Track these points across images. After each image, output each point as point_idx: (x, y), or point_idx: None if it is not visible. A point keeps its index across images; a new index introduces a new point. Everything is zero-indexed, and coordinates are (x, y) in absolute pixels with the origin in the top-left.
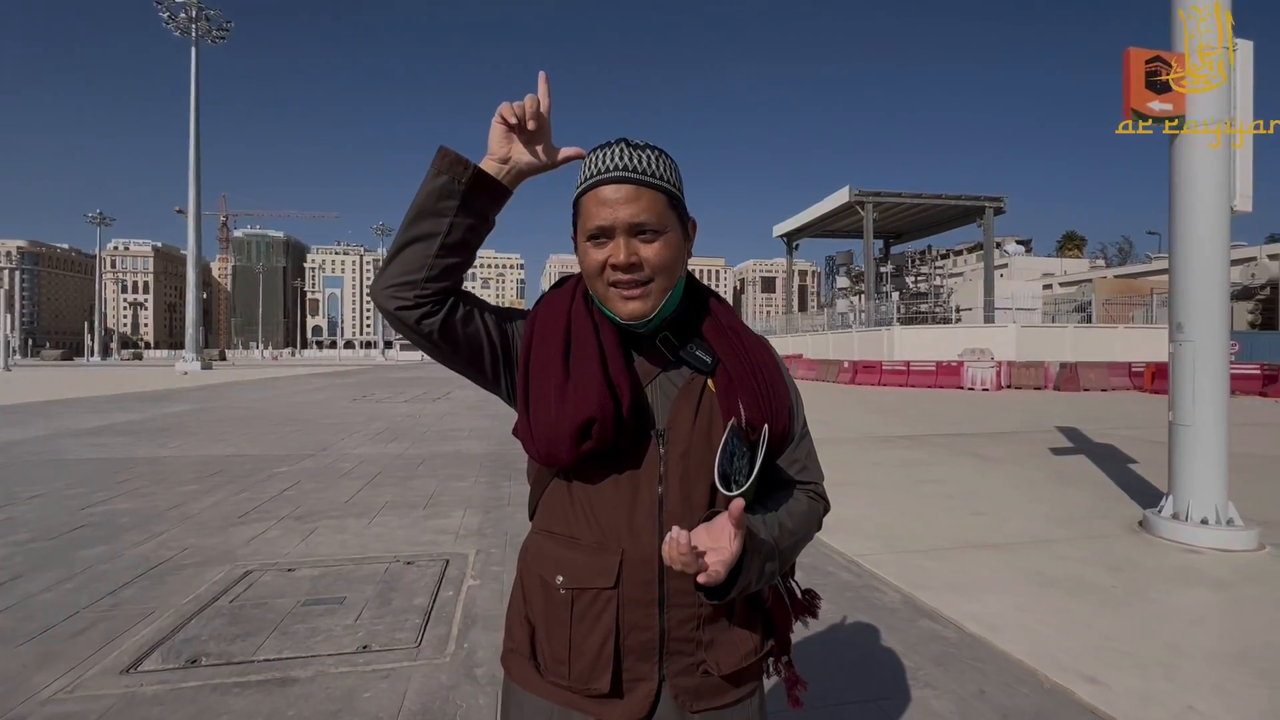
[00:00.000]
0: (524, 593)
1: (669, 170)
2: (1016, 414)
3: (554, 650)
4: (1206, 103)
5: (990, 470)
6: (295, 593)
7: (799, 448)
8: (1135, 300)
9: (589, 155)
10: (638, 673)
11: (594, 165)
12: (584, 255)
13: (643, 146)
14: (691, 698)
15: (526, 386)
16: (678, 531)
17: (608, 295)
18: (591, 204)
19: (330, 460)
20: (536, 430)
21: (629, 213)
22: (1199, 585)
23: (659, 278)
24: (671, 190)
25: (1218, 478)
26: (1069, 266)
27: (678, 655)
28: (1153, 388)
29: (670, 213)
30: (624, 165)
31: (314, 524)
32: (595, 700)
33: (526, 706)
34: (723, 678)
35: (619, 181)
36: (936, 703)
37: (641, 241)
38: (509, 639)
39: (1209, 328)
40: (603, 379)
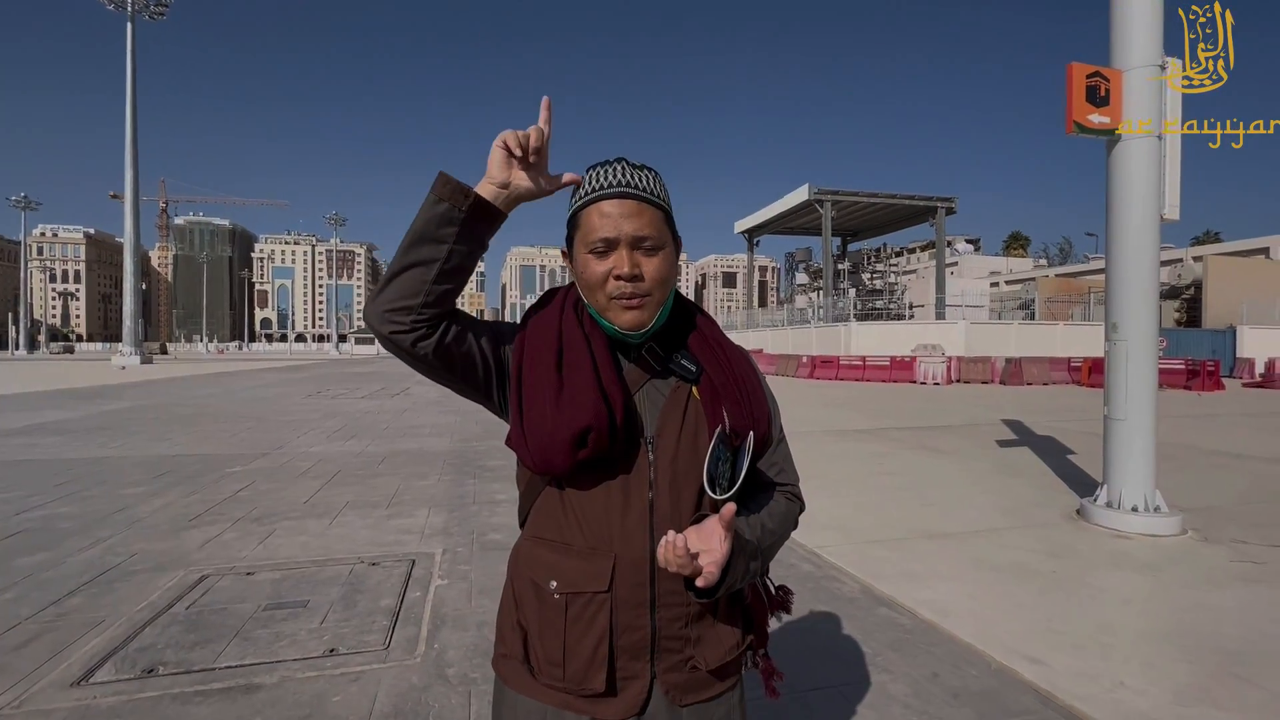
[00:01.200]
0: (515, 598)
1: (664, 190)
2: (965, 407)
3: (548, 653)
4: (1140, 117)
5: (941, 462)
6: (256, 597)
7: (777, 451)
8: (1074, 299)
9: (590, 171)
10: (630, 671)
11: (596, 181)
12: (584, 267)
13: (640, 167)
14: (681, 692)
15: (520, 397)
16: (675, 535)
17: (608, 306)
18: (594, 217)
19: (286, 459)
20: (532, 439)
21: (633, 226)
22: (1129, 569)
23: (656, 291)
24: (667, 209)
25: (1147, 468)
26: (1014, 265)
27: (668, 653)
28: (1089, 382)
29: (666, 229)
30: (626, 182)
31: (272, 526)
32: (589, 700)
33: (520, 709)
34: (709, 672)
35: (623, 197)
36: (893, 686)
37: (643, 254)
38: (501, 644)
39: (1140, 329)
40: (597, 388)
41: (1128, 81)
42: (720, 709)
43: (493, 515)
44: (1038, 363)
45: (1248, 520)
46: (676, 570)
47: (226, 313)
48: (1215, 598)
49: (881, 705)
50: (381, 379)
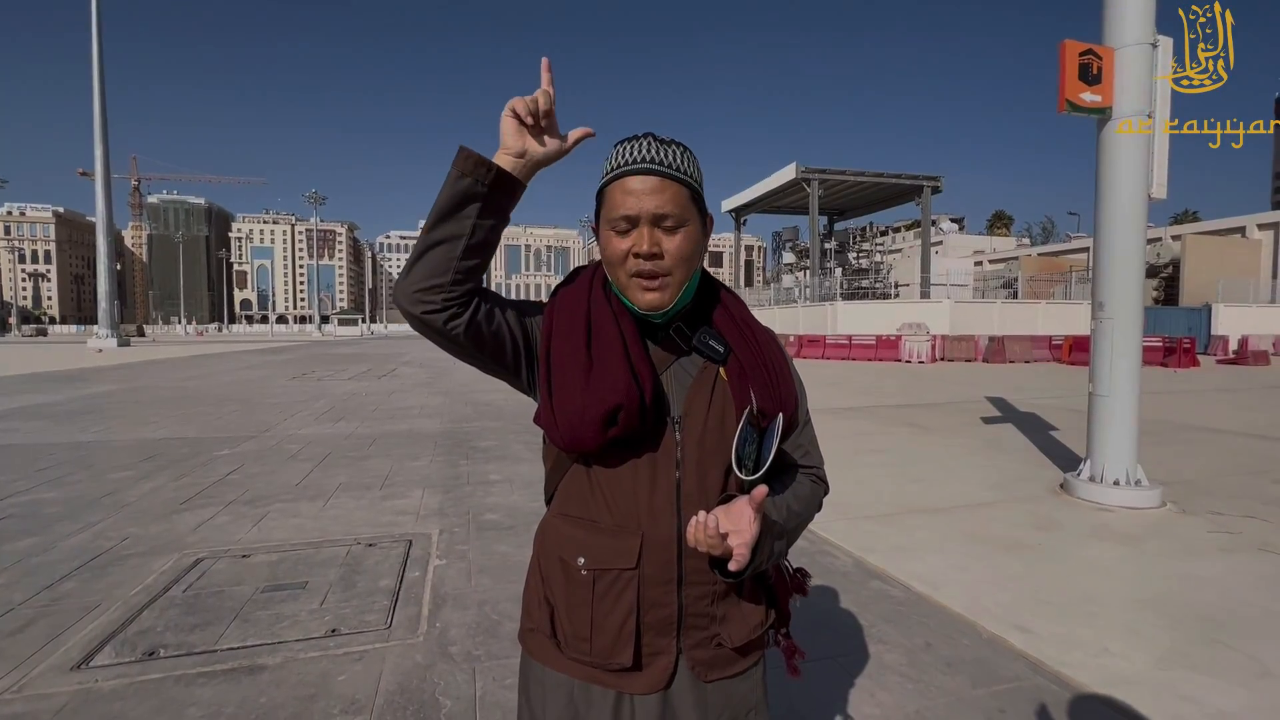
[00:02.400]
0: (542, 574)
1: (692, 166)
2: (950, 385)
3: (575, 628)
4: (1132, 97)
5: (928, 439)
6: (253, 579)
7: (803, 434)
8: (1056, 278)
9: (616, 147)
10: (657, 647)
11: (621, 157)
12: (606, 243)
13: (668, 142)
14: (706, 668)
15: (549, 375)
16: (706, 515)
17: (628, 284)
18: (617, 194)
19: (275, 442)
20: (561, 417)
21: (654, 203)
22: (1112, 541)
23: (677, 270)
24: (694, 185)
25: (1129, 443)
26: (998, 244)
27: (694, 629)
28: (1070, 360)
29: (691, 206)
30: (651, 158)
31: (265, 508)
32: (616, 674)
33: (548, 681)
34: (733, 649)
35: (645, 173)
36: (889, 656)
37: (664, 232)
38: (527, 618)
39: (1126, 307)
40: (627, 366)
41: (1120, 59)
42: (744, 685)
43: (487, 496)
44: (1020, 341)
45: (1223, 492)
46: (706, 550)
47: (205, 294)
48: (1194, 567)
49: (878, 675)
50: (367, 360)
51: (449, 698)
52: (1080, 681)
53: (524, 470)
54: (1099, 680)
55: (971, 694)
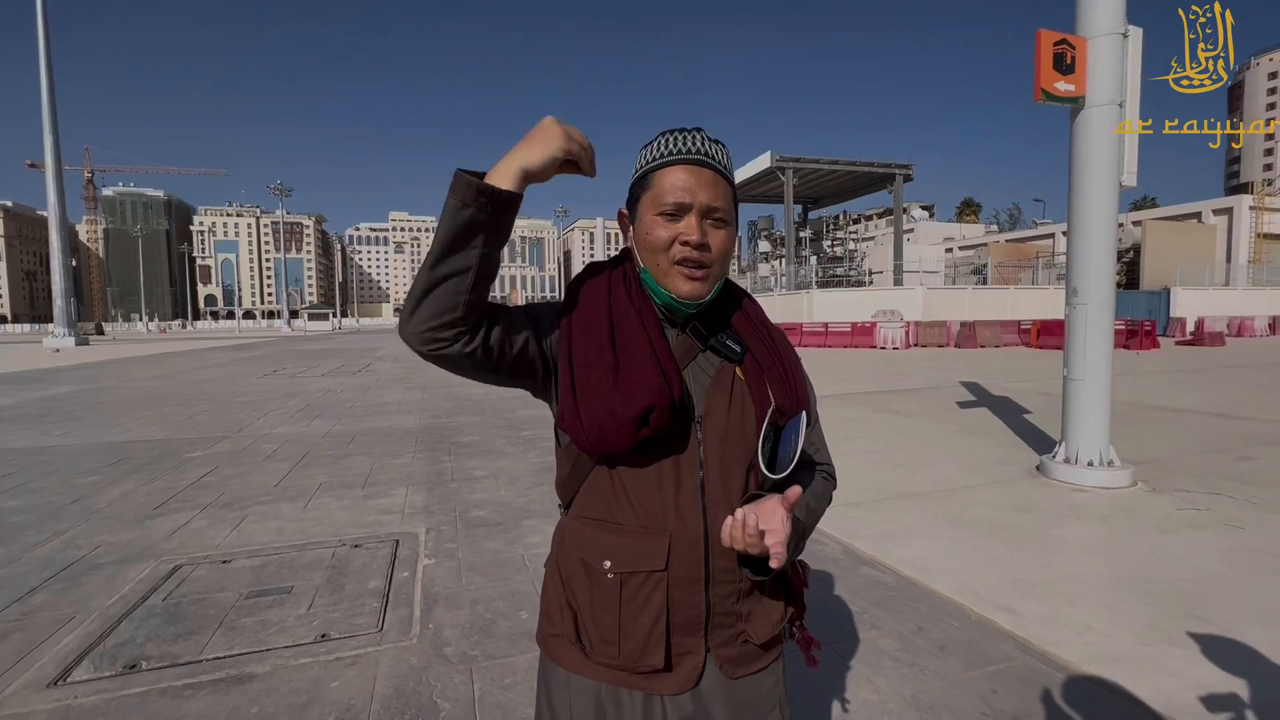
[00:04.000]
0: (563, 578)
1: (733, 170)
2: (925, 371)
3: (602, 632)
4: (1104, 87)
5: (907, 424)
6: (235, 585)
7: (814, 431)
8: (1024, 263)
9: (664, 135)
10: (686, 647)
11: (672, 145)
12: (649, 229)
13: (716, 140)
14: (733, 666)
15: (572, 376)
16: (745, 513)
17: (670, 272)
18: (669, 180)
19: (249, 442)
20: (589, 420)
21: (707, 196)
22: (1088, 520)
23: (718, 264)
24: (736, 188)
25: (1102, 425)
26: (967, 231)
27: (721, 628)
28: (1038, 344)
29: (733, 209)
30: (704, 152)
31: (243, 511)
32: (645, 676)
33: (573, 687)
34: (759, 646)
35: (700, 165)
36: (883, 641)
37: (712, 225)
38: (548, 624)
39: (1099, 293)
40: (656, 365)
41: (1092, 49)
42: (768, 680)
43: (473, 492)
44: (990, 326)
45: (1189, 470)
46: (743, 548)
47: (167, 289)
48: (1166, 544)
49: (874, 660)
50: (340, 356)
51: (447, 700)
52: (1067, 660)
53: (509, 465)
54: (1085, 658)
55: (964, 676)
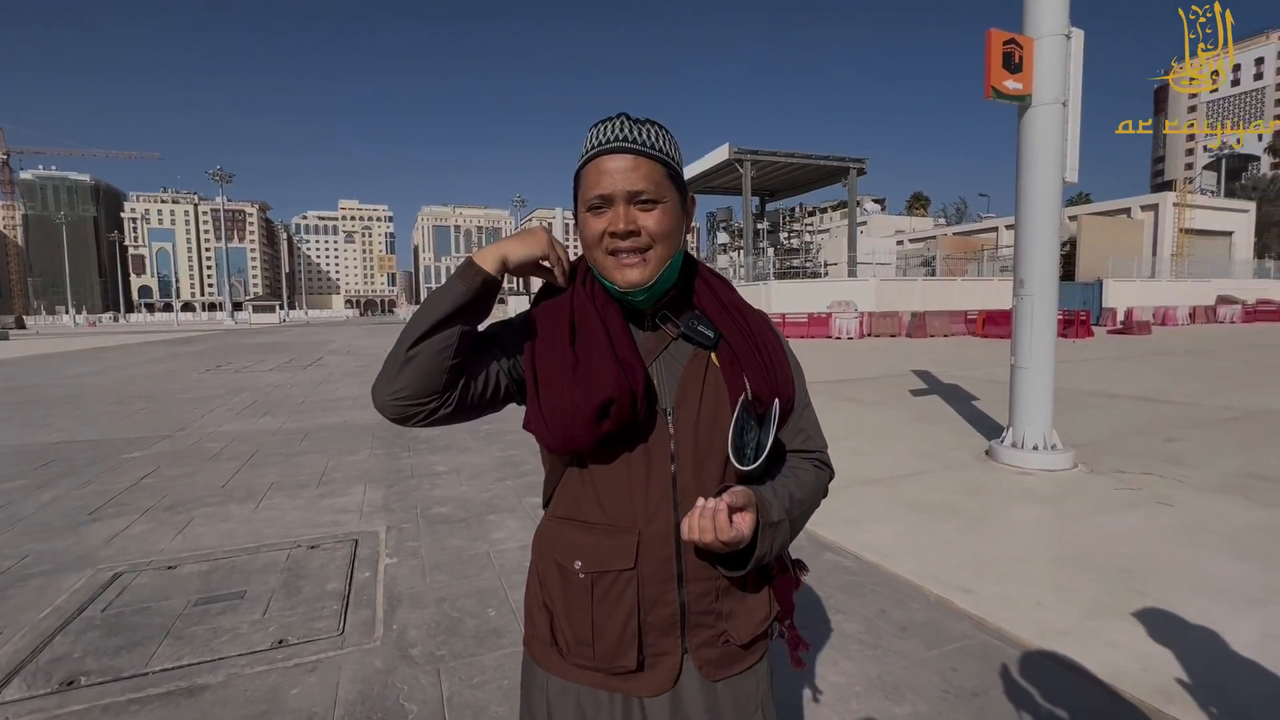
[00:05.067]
0: (540, 579)
1: (668, 144)
2: (879, 360)
3: (576, 633)
4: (1049, 85)
5: (864, 412)
6: (183, 592)
7: (803, 418)
8: (970, 256)
9: (591, 130)
10: (661, 647)
11: (595, 138)
12: (584, 225)
13: (642, 121)
14: (715, 667)
15: (535, 379)
16: (705, 499)
17: (606, 264)
18: (592, 174)
19: (193, 440)
20: (551, 417)
21: (628, 181)
22: (1035, 502)
23: (658, 245)
24: (670, 162)
25: (1046, 410)
26: (917, 224)
27: (699, 628)
28: (983, 333)
29: (668, 184)
30: (623, 136)
31: (188, 514)
32: (621, 678)
33: (552, 688)
34: (741, 646)
35: (618, 151)
36: (848, 625)
37: (640, 209)
38: (529, 625)
39: (1043, 284)
40: (613, 358)
41: (1039, 49)
42: (750, 682)
43: (435, 488)
44: (939, 316)
45: (1123, 452)
46: (698, 537)
47: (96, 280)
48: (1106, 522)
49: (840, 644)
50: (289, 350)
51: (414, 702)
52: (1020, 636)
53: (471, 460)
54: (1036, 634)
55: (926, 655)
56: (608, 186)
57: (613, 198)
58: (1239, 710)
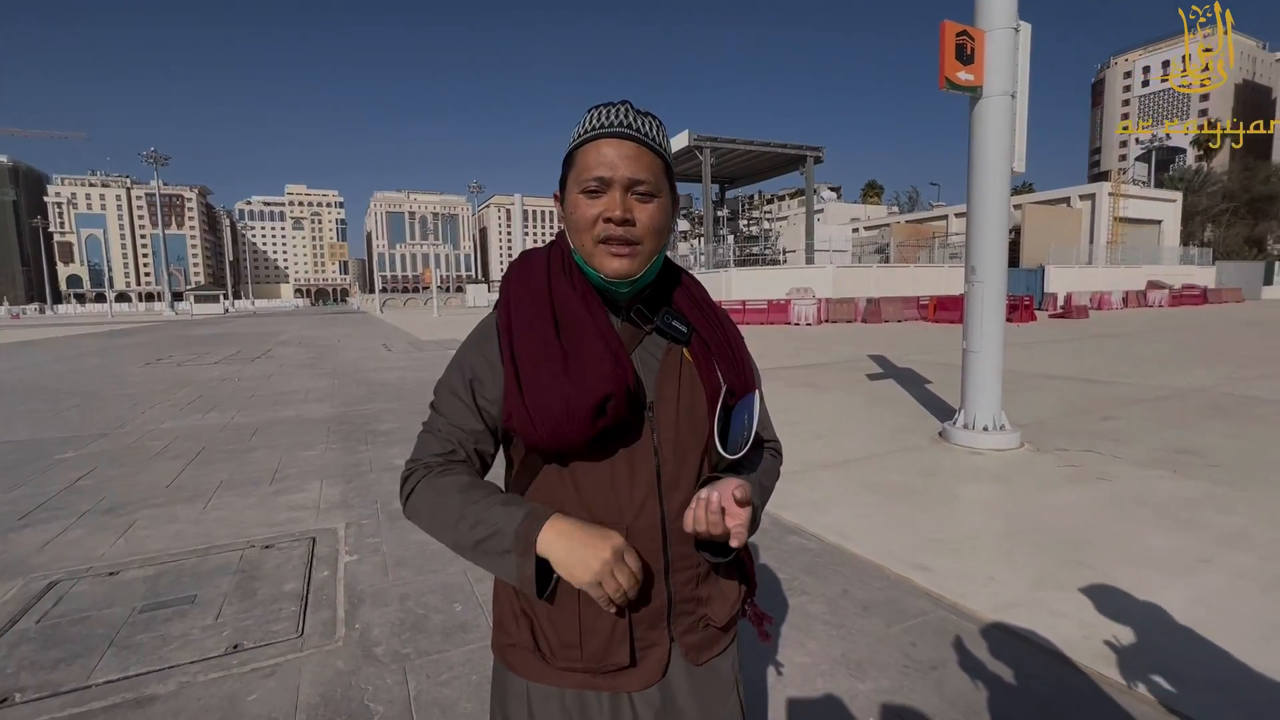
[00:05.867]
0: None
1: (665, 139)
2: (836, 345)
3: (561, 636)
4: (999, 77)
5: (823, 397)
6: (126, 599)
7: (760, 410)
8: (922, 243)
9: (590, 111)
10: (649, 639)
11: (597, 120)
12: (575, 207)
13: (644, 113)
14: (697, 652)
15: (517, 373)
16: (708, 493)
17: (595, 251)
18: (591, 156)
19: (133, 438)
20: (541, 414)
21: (629, 169)
22: (985, 481)
23: (648, 240)
24: (667, 158)
25: (996, 393)
26: (871, 212)
27: (684, 615)
28: (934, 318)
29: (665, 179)
30: (628, 124)
31: (130, 516)
32: (610, 675)
33: (534, 697)
34: (719, 628)
35: (623, 138)
36: (812, 606)
37: (637, 200)
38: (503, 634)
39: (993, 271)
40: (607, 351)
41: (990, 42)
42: (727, 661)
43: (395, 482)
44: (893, 302)
45: (1065, 431)
46: (706, 530)
47: (18, 269)
48: (1051, 498)
49: (805, 625)
50: (235, 341)
51: (380, 702)
52: (973, 610)
53: None
54: (989, 607)
55: (887, 633)
56: (608, 170)
57: (612, 182)
58: (1173, 670)
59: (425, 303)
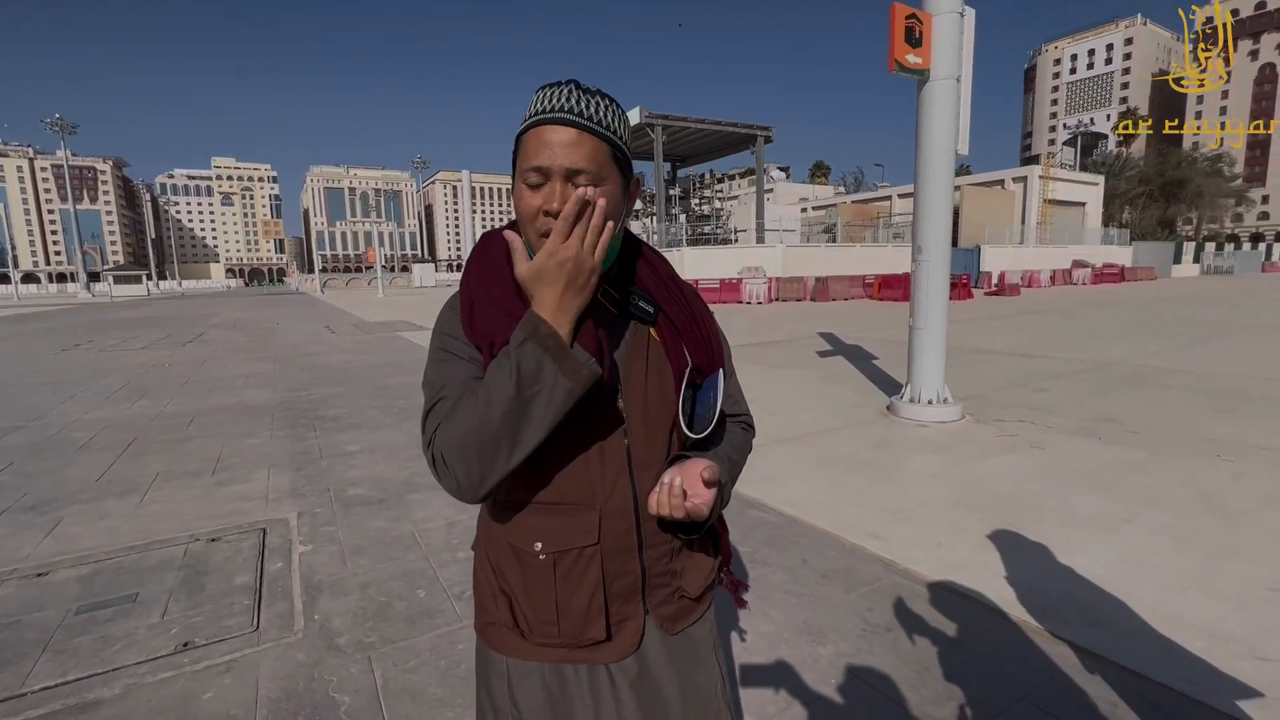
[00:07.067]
0: (494, 565)
1: (616, 120)
2: (787, 323)
3: (539, 613)
4: (946, 60)
5: (777, 374)
6: (59, 601)
7: (730, 383)
8: (867, 223)
9: (537, 93)
10: (624, 613)
11: (540, 104)
12: (519, 198)
13: (593, 92)
14: (672, 622)
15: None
16: (671, 478)
17: (538, 244)
18: (532, 143)
19: (54, 430)
20: None
21: (567, 157)
22: (931, 451)
23: None
24: (615, 141)
25: (939, 367)
26: (819, 192)
27: (658, 589)
28: (879, 296)
29: (611, 164)
30: (570, 108)
31: (56, 513)
32: (588, 649)
33: (514, 673)
34: (693, 599)
35: (562, 124)
36: (774, 576)
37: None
38: (483, 613)
39: (939, 251)
40: (590, 333)
41: (937, 25)
42: (703, 629)
43: (348, 469)
44: (840, 281)
45: (1002, 403)
46: (669, 513)
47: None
48: (990, 466)
49: (767, 594)
50: (162, 324)
51: (346, 693)
52: (923, 573)
53: (386, 437)
54: (937, 570)
55: (845, 599)
56: (546, 160)
57: (550, 172)
58: (1099, 620)
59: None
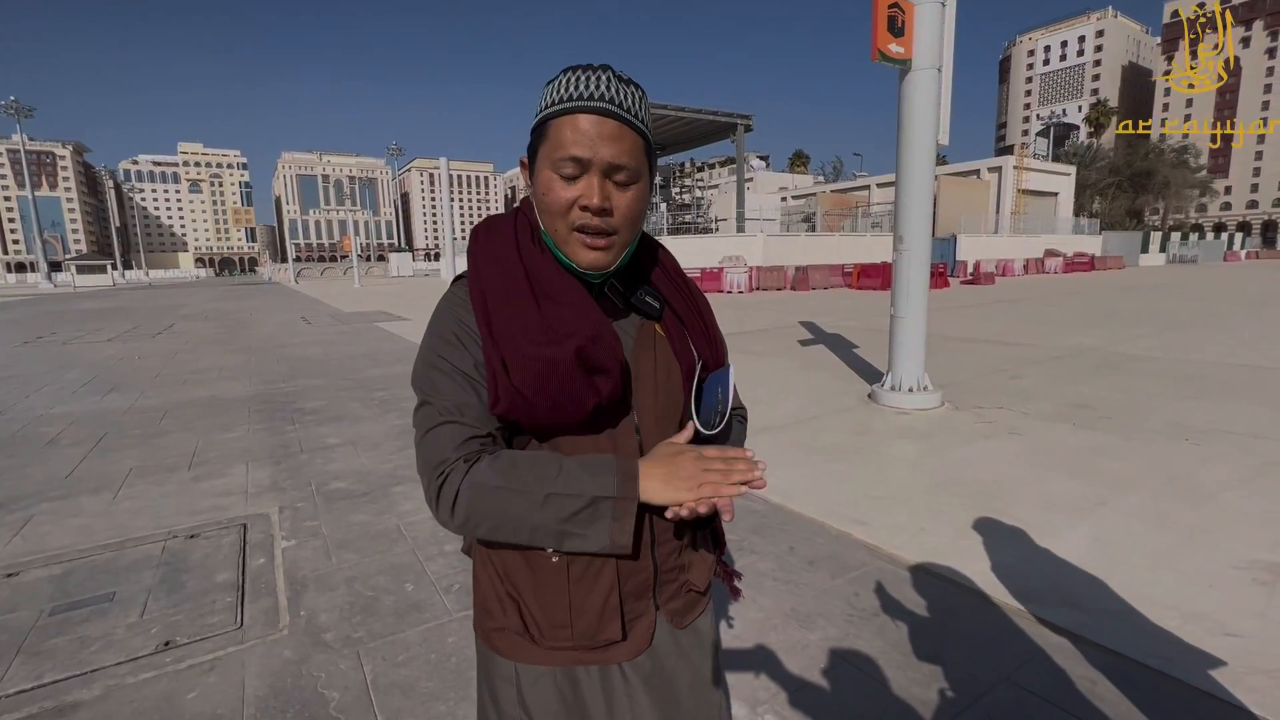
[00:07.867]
0: (499, 570)
1: (648, 113)
2: (768, 312)
3: (550, 617)
4: (927, 50)
5: (759, 363)
6: (32, 601)
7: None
8: (846, 212)
9: (565, 75)
10: (637, 611)
11: (574, 88)
12: (547, 188)
13: (628, 82)
14: (681, 616)
15: (500, 352)
16: None
17: (569, 239)
18: (567, 131)
19: (17, 426)
20: (539, 398)
21: (611, 151)
22: (912, 438)
23: (624, 231)
24: (650, 137)
25: (920, 355)
26: (798, 181)
27: (667, 584)
28: (858, 285)
29: (645, 160)
30: (610, 98)
31: (25, 511)
32: (601, 650)
33: (524, 679)
34: (699, 592)
35: (605, 115)
36: (762, 564)
37: (616, 185)
38: (489, 619)
39: (919, 240)
40: (599, 331)
41: (918, 15)
42: (707, 620)
43: (329, 462)
44: (820, 270)
45: (979, 389)
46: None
47: None
48: (969, 452)
49: (755, 582)
50: (130, 315)
51: (335, 689)
52: (907, 558)
53: (367, 430)
54: (920, 554)
55: (831, 585)
56: (586, 151)
57: (590, 164)
58: (1076, 601)
59: (345, 272)
